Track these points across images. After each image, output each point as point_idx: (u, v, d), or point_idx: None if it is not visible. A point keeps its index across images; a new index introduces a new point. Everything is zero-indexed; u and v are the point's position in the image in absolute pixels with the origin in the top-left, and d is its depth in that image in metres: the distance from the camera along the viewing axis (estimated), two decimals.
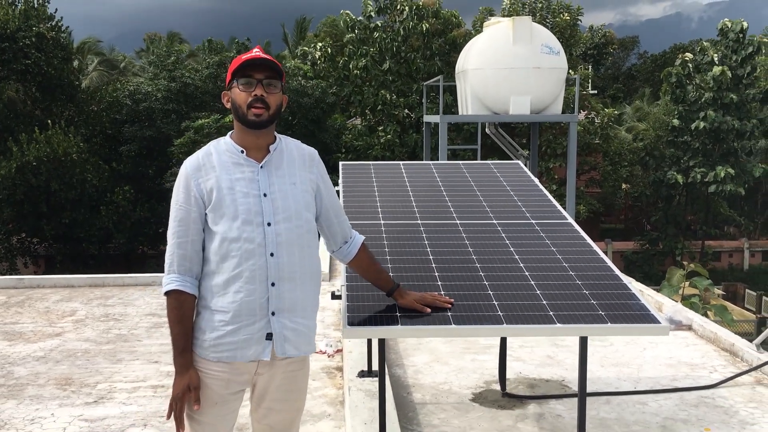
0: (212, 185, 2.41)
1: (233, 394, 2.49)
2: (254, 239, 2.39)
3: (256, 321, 2.40)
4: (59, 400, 4.75)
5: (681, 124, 25.49)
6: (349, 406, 4.18)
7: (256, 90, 2.39)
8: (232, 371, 2.44)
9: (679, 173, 26.05)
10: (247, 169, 2.45)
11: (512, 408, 4.56)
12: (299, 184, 2.49)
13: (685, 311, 6.45)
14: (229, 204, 2.39)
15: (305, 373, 2.60)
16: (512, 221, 3.96)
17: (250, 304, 2.39)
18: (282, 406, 2.55)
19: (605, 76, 43.62)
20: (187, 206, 2.43)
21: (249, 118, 2.40)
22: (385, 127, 22.20)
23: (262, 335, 2.41)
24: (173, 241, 2.45)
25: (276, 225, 2.42)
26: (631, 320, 2.84)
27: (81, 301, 7.61)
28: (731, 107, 24.73)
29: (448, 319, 2.85)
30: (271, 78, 2.42)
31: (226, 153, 2.47)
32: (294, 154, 2.55)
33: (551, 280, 3.21)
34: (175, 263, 2.44)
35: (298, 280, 2.44)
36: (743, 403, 4.59)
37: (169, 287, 2.43)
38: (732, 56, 24.84)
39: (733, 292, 26.70)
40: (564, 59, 10.59)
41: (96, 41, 37.43)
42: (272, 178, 2.46)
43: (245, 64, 2.40)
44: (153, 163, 23.42)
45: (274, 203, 2.43)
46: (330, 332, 6.28)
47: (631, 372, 5.23)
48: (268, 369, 2.47)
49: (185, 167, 2.48)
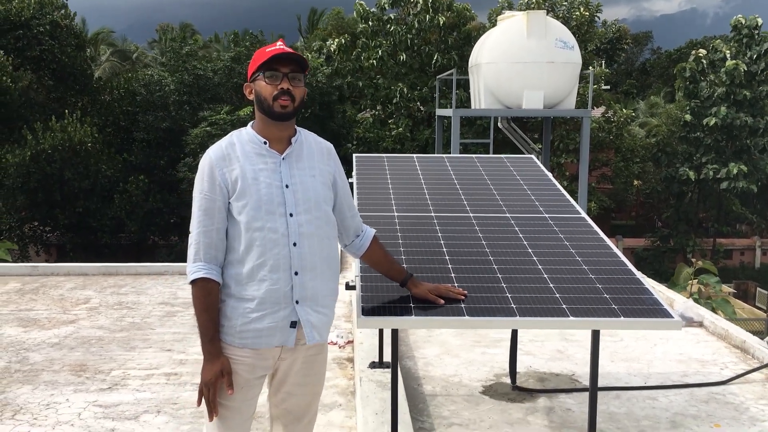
0: (237, 175, 2.45)
1: (257, 378, 2.55)
2: (277, 229, 2.43)
3: (280, 309, 2.45)
4: (74, 386, 4.81)
5: (693, 119, 25.34)
6: (361, 396, 4.21)
7: (282, 83, 2.44)
8: (256, 357, 2.49)
9: (691, 170, 25.91)
10: (269, 160, 2.49)
11: (522, 401, 4.59)
12: (318, 176, 2.55)
13: (697, 308, 6.44)
14: (253, 194, 2.43)
15: (324, 358, 2.67)
16: (526, 215, 3.97)
17: (275, 292, 2.44)
18: (301, 390, 2.61)
19: (619, 71, 43.37)
20: (212, 195, 2.46)
21: (275, 110, 2.45)
22: (396, 120, 22.18)
23: (286, 323, 2.47)
24: (199, 229, 2.48)
25: (298, 216, 2.47)
26: (643, 314, 2.85)
27: (95, 289, 7.69)
28: (744, 104, 24.55)
29: (461, 310, 2.87)
30: (296, 71, 2.46)
31: (249, 144, 2.52)
32: (313, 147, 2.60)
33: (564, 273, 3.22)
34: (202, 251, 2.46)
35: (318, 269, 2.49)
36: (754, 400, 4.59)
37: (196, 275, 2.45)
38: (746, 52, 24.65)
39: (744, 291, 26.54)
40: (578, 54, 10.54)
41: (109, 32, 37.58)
42: (293, 170, 2.51)
43: (273, 58, 2.44)
44: (165, 153, 23.53)
45: (295, 194, 2.48)
46: (341, 323, 6.31)
47: (641, 367, 5.24)
48: (290, 355, 2.54)
49: (209, 157, 2.50)
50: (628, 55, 50.20)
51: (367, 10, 22.23)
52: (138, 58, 36.49)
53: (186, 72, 22.84)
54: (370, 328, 3.44)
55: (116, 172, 21.66)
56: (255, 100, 2.51)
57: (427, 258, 3.37)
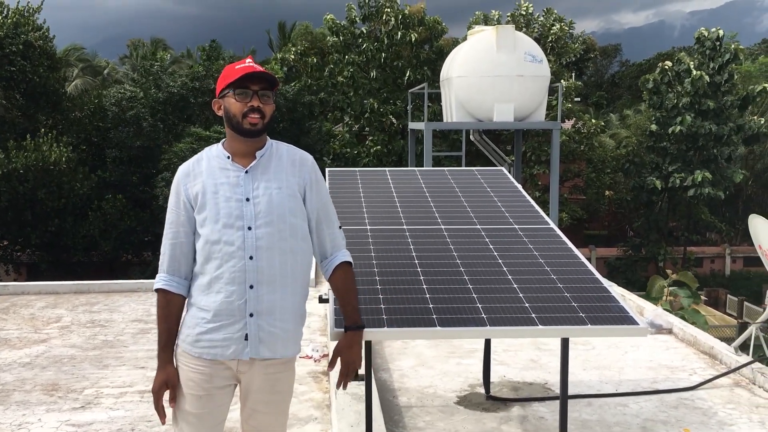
0: (198, 190, 2.52)
1: (219, 388, 2.55)
2: (234, 242, 2.47)
3: (235, 321, 2.48)
4: (46, 406, 4.76)
5: (659, 129, 25.79)
6: (336, 409, 4.23)
7: (252, 101, 2.48)
8: (214, 367, 2.52)
9: (658, 179, 26.32)
10: (232, 174, 2.53)
11: (496, 410, 4.64)
12: (285, 188, 2.55)
13: (666, 315, 6.56)
14: (212, 207, 2.49)
15: (288, 376, 2.64)
16: (496, 226, 4.04)
17: (229, 305, 2.47)
18: (265, 408, 2.60)
19: (588, 84, 44.02)
20: (176, 209, 2.56)
21: (244, 127, 2.49)
22: (373, 136, 22.28)
23: (241, 336, 2.49)
24: (165, 242, 2.58)
25: (257, 229, 2.49)
26: (610, 322, 2.92)
27: (66, 307, 7.61)
28: (709, 114, 25.04)
29: (433, 321, 2.91)
30: (266, 89, 2.51)
31: (215, 159, 2.58)
32: (284, 159, 2.61)
33: (533, 283, 3.28)
34: (165, 263, 2.57)
35: (278, 283, 2.50)
36: (722, 405, 4.69)
37: (156, 285, 2.57)
38: (709, 64, 25.18)
39: (715, 298, 26.95)
40: (547, 67, 10.73)
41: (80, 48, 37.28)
42: (257, 182, 2.53)
43: (244, 76, 2.48)
44: (138, 170, 23.35)
45: (256, 207, 2.50)
46: (316, 337, 6.32)
47: (612, 375, 5.32)
48: (248, 368, 2.54)
49: (177, 174, 2.60)
50: (597, 67, 51.00)
51: (337, 24, 22.30)
52: (109, 74, 36.23)
53: (158, 90, 22.73)
54: None
55: (89, 191, 21.44)
56: (224, 116, 2.55)
57: (399, 270, 3.41)
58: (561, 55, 23.17)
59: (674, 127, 24.84)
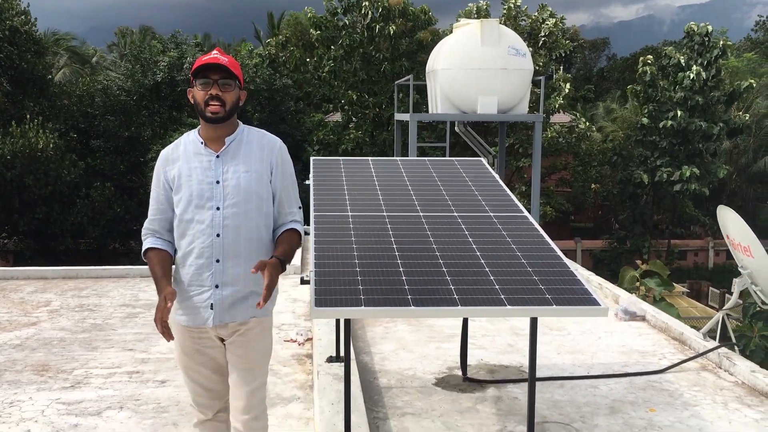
0: (175, 173, 2.79)
1: (206, 347, 2.84)
2: (204, 221, 2.74)
3: (203, 292, 2.76)
4: (37, 385, 4.90)
5: (650, 122, 25.95)
6: (318, 388, 4.41)
7: (212, 89, 2.70)
8: (196, 331, 2.82)
9: (645, 173, 26.57)
10: (204, 158, 2.79)
11: (472, 391, 4.83)
12: (253, 171, 2.79)
13: (640, 303, 6.78)
14: (186, 189, 2.76)
15: (261, 337, 2.86)
16: (472, 213, 4.21)
17: (198, 276, 2.75)
18: (245, 363, 2.83)
19: (577, 77, 44.26)
20: (157, 189, 2.84)
21: (207, 114, 2.73)
22: (357, 124, 22.37)
23: (207, 304, 2.77)
24: (149, 216, 2.86)
25: (225, 209, 2.75)
26: (574, 303, 3.11)
27: (55, 292, 7.73)
28: (697, 109, 25.28)
29: (408, 301, 3.09)
30: (227, 78, 2.72)
31: (191, 144, 2.83)
32: (254, 144, 2.84)
33: (505, 267, 3.46)
34: (148, 232, 2.86)
35: (242, 257, 2.75)
36: (687, 387, 4.90)
37: (145, 247, 2.84)
38: (697, 59, 25.40)
39: (697, 290, 27.34)
40: (530, 61, 10.90)
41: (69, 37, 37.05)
42: (227, 166, 2.77)
43: (202, 67, 2.72)
44: (125, 158, 23.36)
45: (225, 189, 2.75)
46: (300, 322, 6.49)
47: (585, 359, 5.52)
48: (223, 330, 2.82)
49: (159, 158, 2.88)
50: (585, 61, 51.25)
51: (318, 18, 22.27)
52: (98, 62, 36.07)
53: (145, 77, 22.72)
54: (324, 318, 3.63)
55: (76, 178, 21.44)
56: (194, 104, 2.79)
57: (378, 254, 3.58)
58: (552, 50, 23.32)
59: (665, 122, 25.04)
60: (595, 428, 4.23)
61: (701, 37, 25.38)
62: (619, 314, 6.52)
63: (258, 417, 2.86)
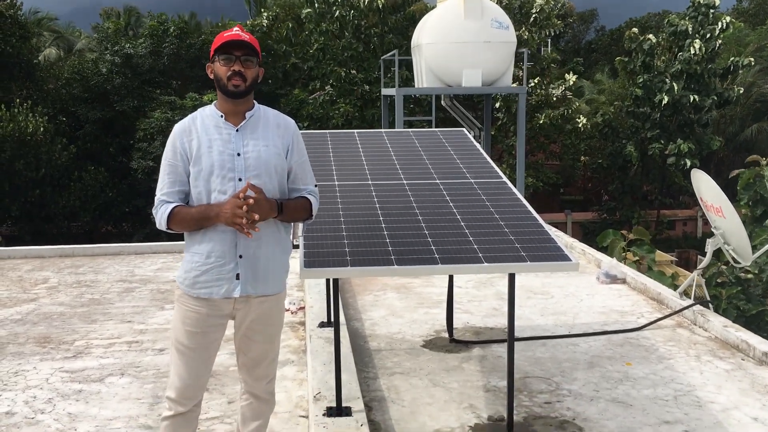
0: (195, 144, 2.84)
1: (212, 326, 2.90)
2: (226, 191, 2.81)
3: (226, 263, 2.82)
4: (40, 356, 5.10)
5: (643, 93, 25.92)
6: (311, 350, 4.62)
7: (234, 65, 2.81)
8: (209, 307, 2.86)
9: (635, 145, 26.71)
10: (224, 131, 2.87)
11: (459, 352, 5.05)
12: (272, 147, 2.90)
13: (621, 266, 7.01)
14: (207, 160, 2.82)
15: (279, 310, 3.01)
16: (454, 181, 4.41)
17: (222, 248, 2.81)
18: (260, 338, 2.96)
19: (566, 50, 44.28)
20: (174, 161, 2.86)
21: (229, 89, 2.82)
22: (345, 99, 22.47)
23: (232, 275, 2.83)
24: (166, 181, 2.85)
25: (247, 180, 2.82)
26: (548, 259, 3.31)
27: (52, 270, 7.90)
28: (693, 81, 25.23)
29: (391, 261, 3.28)
30: (248, 55, 2.84)
31: (209, 117, 2.91)
32: (270, 121, 2.96)
33: (483, 228, 3.66)
34: (165, 196, 2.85)
35: (263, 229, 2.82)
36: (663, 343, 5.15)
37: (169, 209, 2.81)
38: (699, 30, 25.34)
39: (686, 259, 27.69)
40: (513, 34, 11.04)
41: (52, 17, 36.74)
42: (247, 140, 2.87)
43: (225, 43, 2.81)
44: (114, 141, 23.41)
45: (246, 161, 2.84)
46: (293, 292, 6.69)
47: (567, 320, 5.76)
48: (243, 305, 2.89)
49: (174, 131, 2.91)
50: (574, 33, 51.17)
51: None
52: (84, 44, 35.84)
53: (116, 54, 22.67)
54: (313, 278, 3.83)
55: (67, 161, 21.51)
56: (214, 79, 2.89)
57: (363, 219, 3.77)
58: (543, 28, 23.41)
59: (661, 96, 25.03)
60: (574, 381, 4.46)
61: (707, 9, 25.28)
62: (601, 277, 6.75)
63: (272, 380, 3.07)
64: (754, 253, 5.55)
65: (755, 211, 9.00)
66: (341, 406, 3.59)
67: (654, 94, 25.50)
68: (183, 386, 2.90)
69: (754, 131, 31.62)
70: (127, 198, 22.68)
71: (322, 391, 3.87)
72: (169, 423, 2.94)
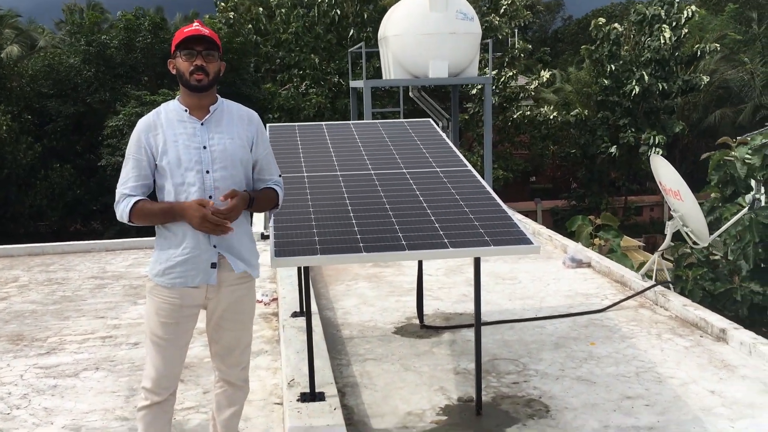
0: (161, 139, 2.90)
1: (185, 316, 2.97)
2: (195, 183, 2.88)
3: (201, 253, 2.90)
4: (13, 353, 5.10)
5: (611, 83, 26.24)
6: (284, 339, 4.70)
7: (196, 60, 2.87)
8: (183, 296, 2.93)
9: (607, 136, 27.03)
10: (189, 125, 2.93)
11: (429, 337, 5.18)
12: (237, 139, 2.97)
13: (586, 251, 7.20)
14: (173, 153, 2.88)
15: (251, 298, 3.09)
16: (420, 170, 4.51)
17: (194, 237, 2.88)
18: (232, 325, 3.03)
19: (533, 40, 44.65)
20: (138, 155, 2.91)
21: (192, 84, 2.88)
22: (316, 91, 22.47)
23: (207, 264, 2.92)
24: (130, 175, 2.89)
25: (214, 172, 2.91)
26: (511, 243, 3.44)
27: (22, 268, 7.86)
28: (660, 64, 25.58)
29: (360, 248, 3.38)
30: (209, 49, 2.90)
31: (173, 112, 2.96)
32: (234, 114, 3.03)
33: (448, 215, 3.77)
34: (128, 190, 2.89)
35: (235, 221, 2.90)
36: (625, 323, 5.32)
37: (131, 202, 2.86)
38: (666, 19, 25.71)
39: (653, 244, 28.18)
40: (478, 25, 11.18)
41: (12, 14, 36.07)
42: (212, 133, 2.94)
43: (188, 38, 2.87)
44: (81, 138, 23.11)
45: (212, 154, 2.91)
46: (266, 284, 6.76)
47: (534, 303, 5.91)
48: (215, 294, 2.97)
49: (138, 127, 2.96)
50: (541, 23, 51.60)
51: None
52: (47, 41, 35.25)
53: (89, 44, 22.37)
54: (283, 267, 3.91)
55: (33, 160, 21.20)
56: (177, 74, 2.94)
57: (332, 209, 3.86)
58: (512, 19, 23.65)
59: (632, 86, 25.34)
60: (541, 362, 4.61)
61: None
62: (567, 262, 6.93)
63: (245, 367, 3.15)
64: (711, 234, 5.75)
65: (725, 192, 9.24)
66: (315, 392, 3.69)
67: (622, 84, 25.85)
68: (158, 376, 2.96)
69: (717, 117, 32.22)
70: (95, 196, 22.42)
71: (296, 378, 3.96)
72: (145, 413, 3.00)
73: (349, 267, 7.27)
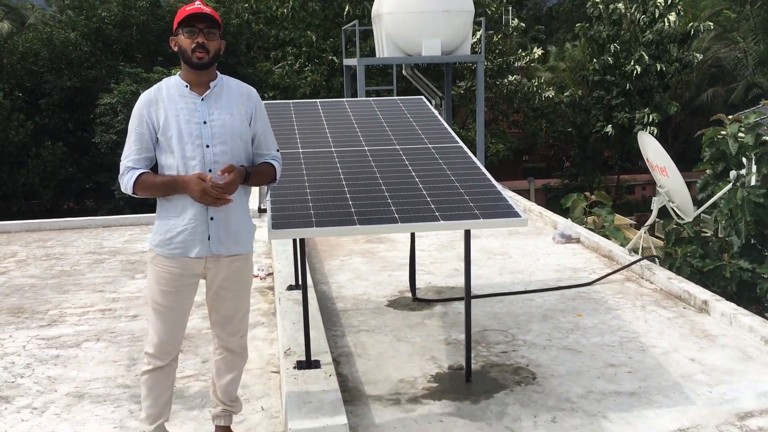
0: (162, 114, 3.00)
1: (185, 285, 3.09)
2: (195, 157, 2.99)
3: (198, 225, 3.01)
4: (14, 325, 5.23)
5: (614, 60, 26.17)
6: (280, 311, 4.84)
7: (198, 37, 2.96)
8: (182, 266, 3.05)
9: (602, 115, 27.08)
10: (189, 101, 3.03)
11: (421, 309, 5.32)
12: (236, 115, 3.07)
13: (575, 227, 7.34)
14: (174, 127, 2.98)
15: (248, 269, 3.22)
16: (412, 146, 4.62)
17: (193, 210, 3.00)
18: (231, 295, 3.16)
19: (528, 17, 44.49)
20: (140, 129, 3.02)
21: (193, 61, 2.98)
22: (312, 68, 22.42)
23: (204, 236, 3.03)
24: (132, 148, 3.00)
25: (213, 147, 3.01)
26: (499, 216, 3.56)
27: (20, 244, 7.96)
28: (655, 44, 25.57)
29: (353, 221, 3.50)
30: (211, 27, 3.00)
31: (174, 87, 3.07)
32: (233, 91, 3.13)
33: (440, 189, 3.89)
34: (131, 163, 3.00)
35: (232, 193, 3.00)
36: (612, 295, 5.48)
37: (135, 175, 2.97)
38: None
39: (644, 222, 28.36)
40: (471, 2, 11.22)
41: None
42: (212, 108, 3.04)
43: (189, 16, 2.96)
44: (73, 116, 23.04)
45: (212, 129, 3.02)
46: (261, 259, 6.88)
47: (524, 277, 6.06)
48: (214, 264, 3.09)
49: (140, 101, 3.05)
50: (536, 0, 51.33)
51: None
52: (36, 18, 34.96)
53: (89, 21, 22.24)
54: (280, 238, 4.03)
55: (25, 138, 21.16)
56: (178, 51, 3.04)
57: (327, 184, 3.98)
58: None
59: (632, 66, 25.34)
60: (529, 332, 4.77)
61: None
62: (556, 238, 7.07)
63: (244, 335, 3.29)
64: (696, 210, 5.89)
65: (716, 168, 9.36)
66: (310, 360, 3.82)
67: (622, 64, 25.86)
68: (160, 342, 3.09)
69: (710, 96, 32.32)
70: (87, 174, 22.42)
71: (292, 347, 4.10)
72: (148, 377, 3.14)
73: (343, 243, 7.40)
